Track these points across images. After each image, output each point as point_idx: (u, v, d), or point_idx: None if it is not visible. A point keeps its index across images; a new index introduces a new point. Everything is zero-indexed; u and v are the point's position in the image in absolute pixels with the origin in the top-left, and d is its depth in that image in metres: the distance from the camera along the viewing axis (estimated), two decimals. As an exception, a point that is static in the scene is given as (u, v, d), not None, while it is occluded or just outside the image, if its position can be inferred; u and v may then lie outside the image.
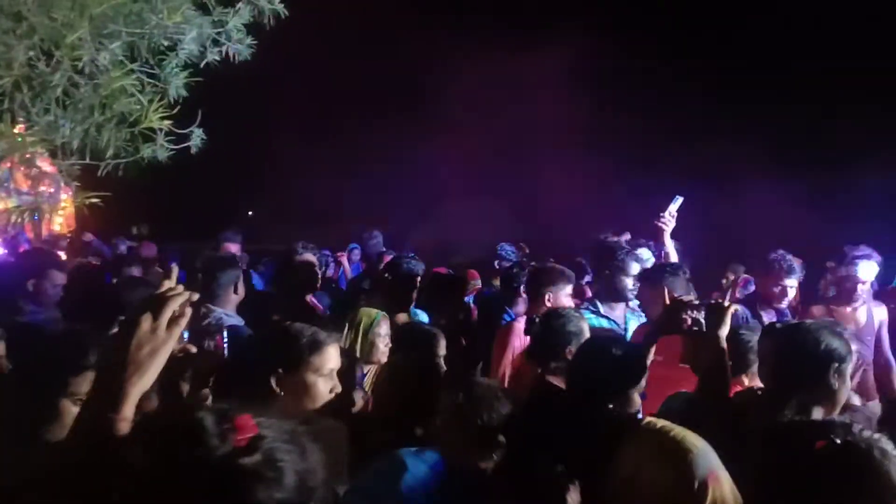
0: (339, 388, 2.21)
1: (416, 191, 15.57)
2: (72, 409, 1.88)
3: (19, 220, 3.38)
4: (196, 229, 17.52)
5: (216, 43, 3.60)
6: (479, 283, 6.37)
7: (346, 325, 3.71)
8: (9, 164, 3.10)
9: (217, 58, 3.62)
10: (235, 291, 4.09)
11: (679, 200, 4.41)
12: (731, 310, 2.67)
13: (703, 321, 2.76)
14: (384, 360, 3.59)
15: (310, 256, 5.29)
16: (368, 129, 17.26)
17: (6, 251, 6.38)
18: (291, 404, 2.11)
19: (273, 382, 2.12)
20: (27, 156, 2.96)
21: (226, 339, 2.41)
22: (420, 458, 2.17)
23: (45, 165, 4.18)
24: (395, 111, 16.37)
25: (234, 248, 6.69)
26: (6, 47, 2.41)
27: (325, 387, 2.18)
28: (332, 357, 2.22)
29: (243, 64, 3.79)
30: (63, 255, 7.68)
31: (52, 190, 3.75)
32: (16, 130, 3.11)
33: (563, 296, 4.15)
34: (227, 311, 3.96)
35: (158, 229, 17.76)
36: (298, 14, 3.89)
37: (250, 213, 22.48)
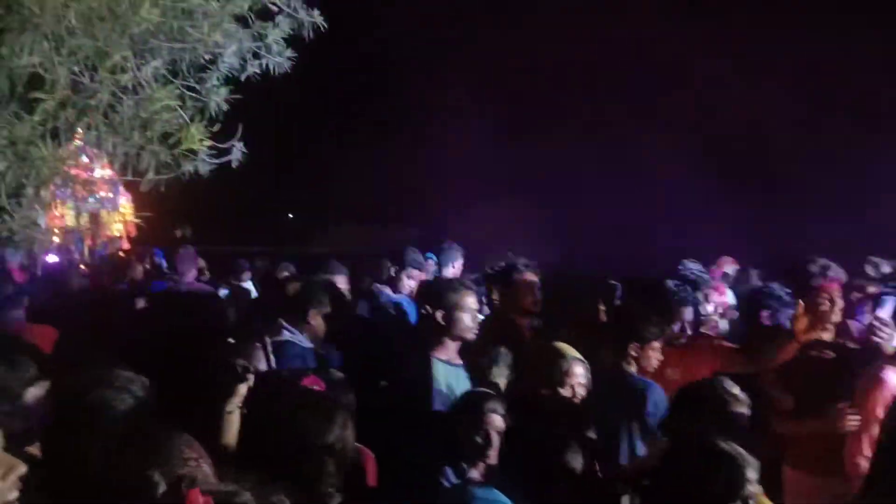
0: None
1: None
2: None
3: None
4: (237, 232, 17.77)
5: (256, 56, 3.59)
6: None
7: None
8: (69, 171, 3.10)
9: (257, 71, 3.62)
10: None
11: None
12: None
13: None
14: None
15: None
16: (407, 128, 17.22)
17: (60, 261, 6.51)
18: None
19: None
20: (74, 172, 2.97)
21: None
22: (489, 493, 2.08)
23: (104, 171, 4.22)
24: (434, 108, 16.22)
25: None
26: (49, 68, 2.42)
27: None
28: None
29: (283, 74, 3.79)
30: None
31: (111, 195, 3.80)
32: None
33: None
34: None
35: (200, 232, 18.01)
36: (335, 22, 3.86)
37: (290, 215, 22.72)
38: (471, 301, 3.29)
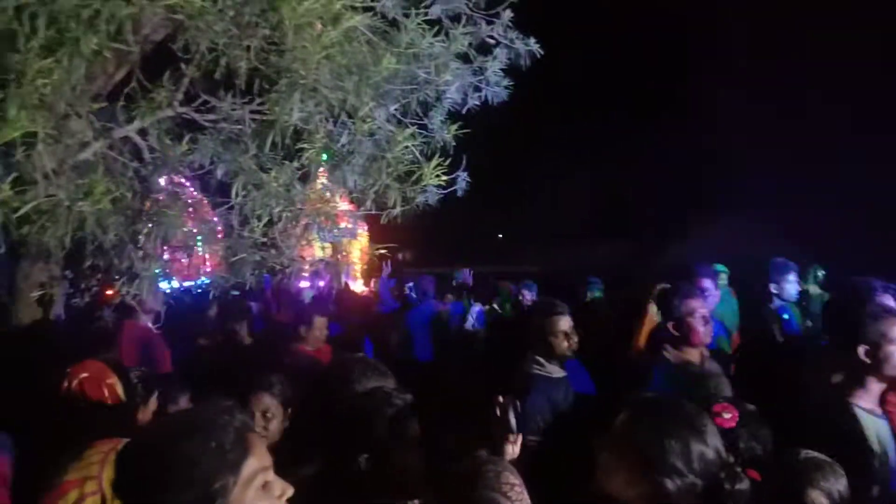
0: None
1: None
2: None
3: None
4: (450, 253, 18.51)
5: (477, 89, 3.80)
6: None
7: None
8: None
9: (477, 103, 3.83)
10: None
11: None
12: None
13: None
14: None
15: None
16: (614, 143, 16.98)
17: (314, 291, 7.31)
18: None
19: None
20: (331, 206, 3.34)
21: None
22: None
23: (344, 204, 4.72)
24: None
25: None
26: (308, 121, 2.74)
27: None
28: None
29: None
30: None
31: (350, 225, 4.22)
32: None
33: None
34: None
35: (418, 254, 19.03)
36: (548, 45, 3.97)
37: (500, 235, 23.22)
38: None
